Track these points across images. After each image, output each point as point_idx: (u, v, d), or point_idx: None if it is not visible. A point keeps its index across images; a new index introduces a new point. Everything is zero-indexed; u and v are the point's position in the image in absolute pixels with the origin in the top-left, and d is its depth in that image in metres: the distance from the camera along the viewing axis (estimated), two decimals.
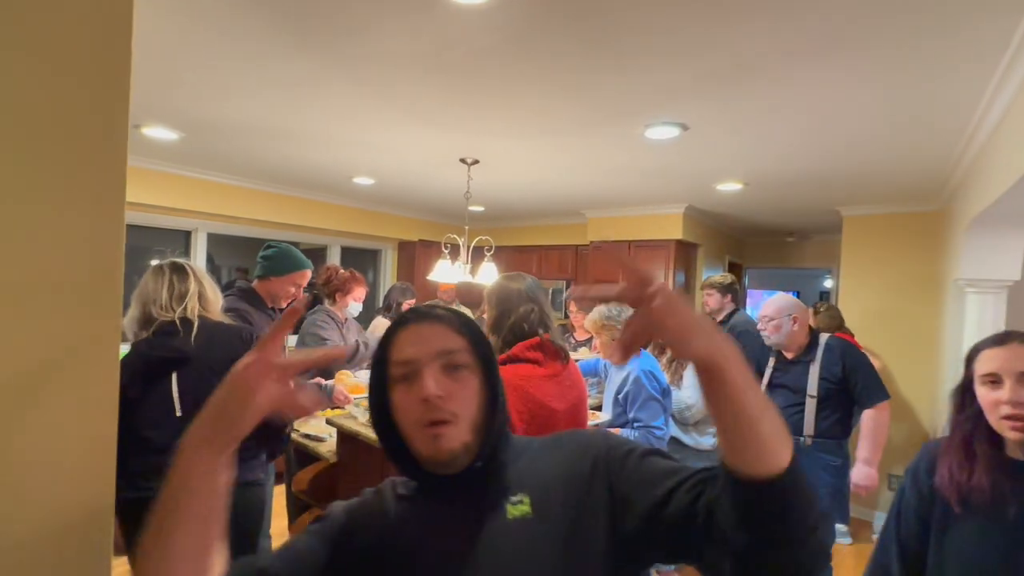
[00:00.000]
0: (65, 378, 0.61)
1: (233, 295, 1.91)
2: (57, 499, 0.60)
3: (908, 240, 3.55)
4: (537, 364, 1.25)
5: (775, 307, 2.18)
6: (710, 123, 2.16)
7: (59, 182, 0.61)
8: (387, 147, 2.78)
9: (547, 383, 1.24)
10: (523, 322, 1.28)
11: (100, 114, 0.64)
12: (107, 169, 0.65)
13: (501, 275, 1.44)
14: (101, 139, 0.64)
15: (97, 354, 0.64)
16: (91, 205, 0.63)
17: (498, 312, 1.31)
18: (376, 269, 5.52)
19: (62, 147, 0.61)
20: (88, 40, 0.62)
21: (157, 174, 3.40)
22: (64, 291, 0.61)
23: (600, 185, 3.52)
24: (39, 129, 0.59)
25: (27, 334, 0.58)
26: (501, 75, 1.78)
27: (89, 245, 0.63)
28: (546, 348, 1.27)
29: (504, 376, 1.18)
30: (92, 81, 0.63)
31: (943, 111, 1.90)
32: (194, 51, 1.71)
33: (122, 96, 0.66)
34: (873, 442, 2.00)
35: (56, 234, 0.60)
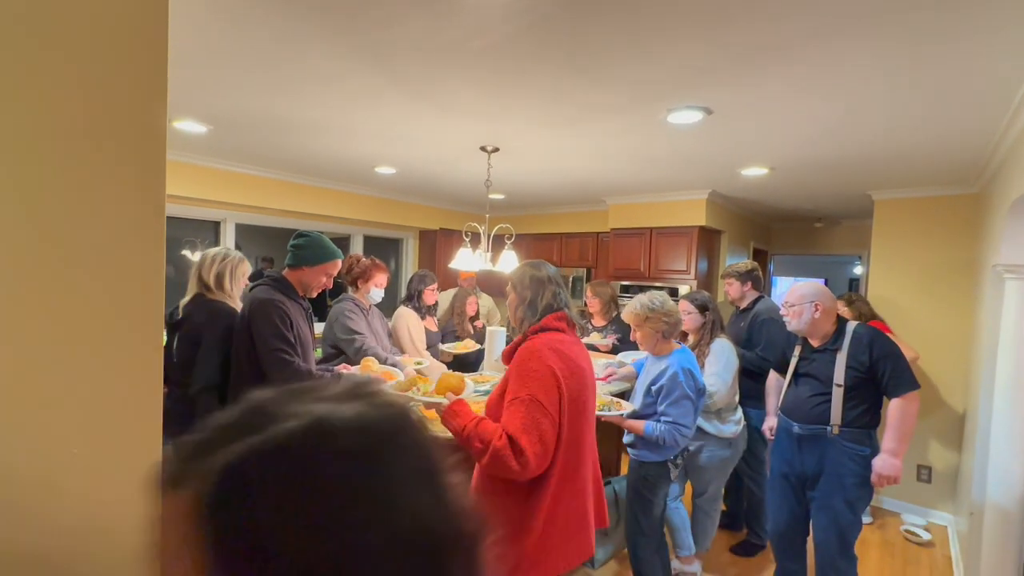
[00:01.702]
0: (110, 365, 0.65)
1: (266, 284, 1.94)
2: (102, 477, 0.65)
3: (943, 225, 3.42)
4: (564, 332, 1.44)
5: (797, 294, 2.15)
6: (735, 107, 2.11)
7: (103, 178, 0.64)
8: (409, 137, 2.80)
9: (574, 347, 1.44)
10: (554, 301, 1.48)
11: (140, 111, 0.67)
12: (147, 163, 0.68)
13: (526, 263, 1.60)
14: (141, 135, 0.67)
15: (141, 341, 0.67)
16: (134, 198, 0.67)
17: (532, 293, 1.50)
18: (398, 258, 5.59)
19: (106, 144, 0.64)
20: (126, 40, 0.65)
21: (187, 166, 3.50)
22: (108, 283, 0.64)
23: (621, 171, 3.48)
24: (87, 126, 0.62)
25: (74, 328, 0.62)
26: (523, 62, 1.77)
27: (132, 236, 0.66)
28: (568, 320, 1.48)
29: (541, 342, 1.33)
30: (131, 79, 0.66)
31: (983, 85, 1.81)
32: (221, 46, 1.75)
33: (160, 94, 0.68)
34: (899, 432, 1.96)
35: (101, 227, 0.64)
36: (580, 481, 1.40)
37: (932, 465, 3.44)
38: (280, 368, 1.78)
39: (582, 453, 1.41)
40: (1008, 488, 2.25)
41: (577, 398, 1.36)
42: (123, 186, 0.65)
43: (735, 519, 3.11)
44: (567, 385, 1.32)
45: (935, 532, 3.24)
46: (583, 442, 1.41)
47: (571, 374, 1.35)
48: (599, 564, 2.68)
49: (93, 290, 0.63)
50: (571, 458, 1.36)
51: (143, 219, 0.67)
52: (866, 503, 2.09)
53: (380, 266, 2.80)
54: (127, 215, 0.65)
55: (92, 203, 0.62)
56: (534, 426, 1.24)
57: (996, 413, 2.31)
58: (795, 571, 2.29)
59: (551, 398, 1.28)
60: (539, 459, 1.24)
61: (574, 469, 1.37)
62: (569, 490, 1.35)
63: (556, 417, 1.28)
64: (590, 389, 1.45)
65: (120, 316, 0.65)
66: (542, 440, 1.24)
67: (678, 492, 2.62)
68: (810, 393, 2.12)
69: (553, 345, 1.36)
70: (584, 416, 1.42)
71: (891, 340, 2.06)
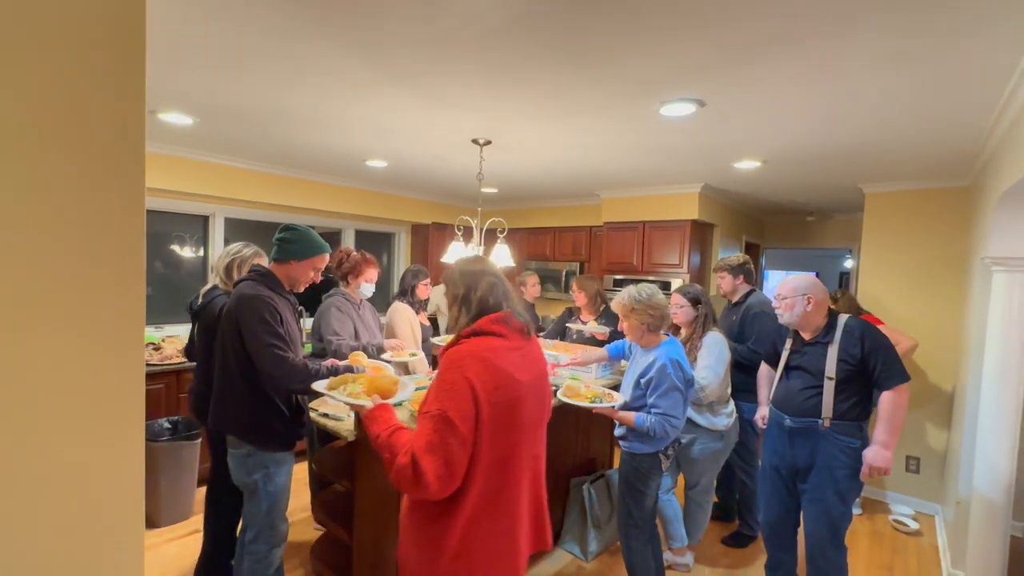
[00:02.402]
0: (89, 364, 0.63)
1: (251, 280, 1.91)
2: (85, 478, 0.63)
3: (933, 217, 3.44)
4: (501, 337, 1.27)
5: (790, 287, 2.15)
6: (728, 99, 2.10)
7: (79, 171, 0.62)
8: (400, 129, 2.77)
9: (511, 354, 1.26)
10: (488, 296, 1.32)
11: (117, 101, 0.65)
12: (126, 156, 0.66)
13: (459, 260, 1.44)
14: (119, 126, 0.65)
15: (122, 336, 0.66)
16: (112, 193, 0.64)
17: (464, 289, 1.34)
18: (390, 252, 5.55)
19: (81, 136, 0.62)
20: (102, 27, 0.63)
21: (174, 159, 3.45)
22: (86, 280, 0.62)
23: (614, 165, 3.47)
24: (58, 119, 0.60)
25: (51, 324, 0.60)
26: (514, 54, 1.75)
27: (112, 231, 0.64)
28: (509, 322, 1.30)
29: (467, 350, 1.20)
30: (108, 68, 0.63)
31: (974, 79, 1.82)
32: (207, 35, 1.71)
33: (138, 82, 0.66)
34: (890, 425, 1.97)
35: (78, 222, 0.62)
36: (508, 502, 1.25)
37: (920, 456, 3.49)
38: (276, 364, 1.76)
39: (512, 472, 1.25)
40: (994, 477, 2.28)
41: (505, 413, 1.20)
42: (100, 180, 0.63)
43: (727, 510, 3.13)
44: (490, 400, 1.17)
45: (923, 522, 3.28)
46: (514, 461, 1.25)
47: (497, 387, 1.19)
48: (592, 556, 2.70)
49: (71, 286, 0.61)
50: (495, 478, 1.22)
51: (122, 212, 0.65)
52: (856, 494, 2.11)
53: (371, 261, 2.78)
54: (105, 209, 0.63)
55: (67, 199, 0.60)
56: (440, 446, 1.12)
57: (983, 404, 2.33)
58: (786, 562, 2.31)
59: (464, 415, 1.14)
60: (442, 482, 1.13)
61: (499, 490, 1.22)
62: (492, 512, 1.22)
63: (468, 436, 1.15)
64: (528, 402, 1.26)
65: (99, 310, 0.63)
66: (448, 463, 1.12)
67: (671, 484, 2.63)
68: (802, 386, 2.13)
69: (481, 353, 1.21)
70: (517, 432, 1.24)
71: (882, 333, 2.07)
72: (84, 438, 0.63)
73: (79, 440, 0.62)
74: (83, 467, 0.63)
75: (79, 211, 0.61)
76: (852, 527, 3.15)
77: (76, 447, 0.62)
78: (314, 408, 2.17)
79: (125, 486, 0.66)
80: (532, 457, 1.33)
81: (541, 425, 1.36)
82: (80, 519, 0.63)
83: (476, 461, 1.18)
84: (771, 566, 2.36)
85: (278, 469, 1.88)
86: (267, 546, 1.89)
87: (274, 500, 1.87)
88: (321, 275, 2.05)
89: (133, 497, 0.67)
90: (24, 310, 0.58)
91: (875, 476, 2.01)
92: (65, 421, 0.61)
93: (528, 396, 1.27)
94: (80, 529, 0.63)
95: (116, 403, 0.65)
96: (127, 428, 0.66)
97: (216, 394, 1.91)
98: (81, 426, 0.62)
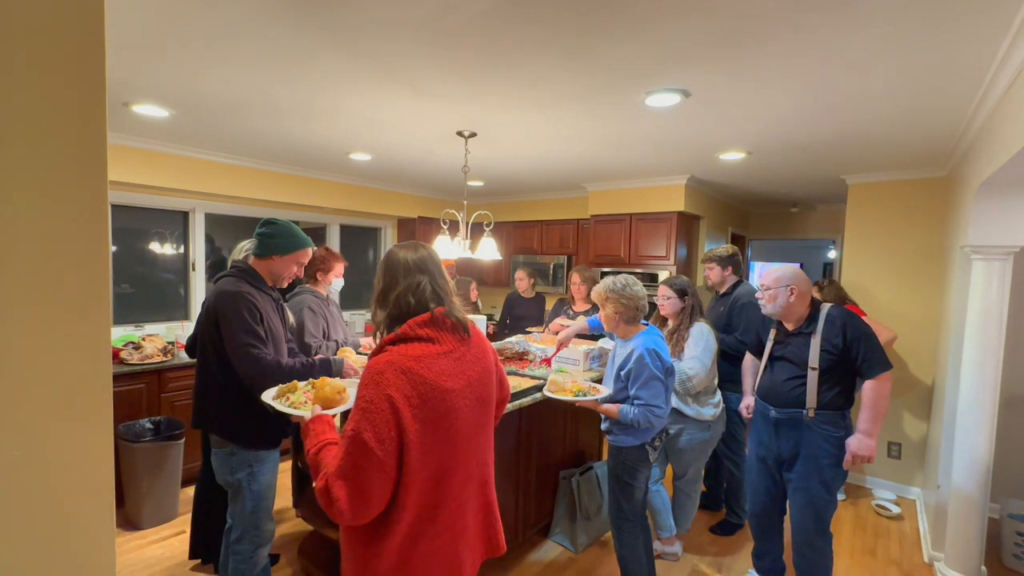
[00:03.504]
0: (55, 363, 0.60)
1: (232, 276, 1.86)
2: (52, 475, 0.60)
3: (914, 207, 3.49)
4: (431, 342, 1.14)
5: (773, 277, 2.16)
6: (712, 89, 2.10)
7: (35, 167, 0.58)
8: (383, 121, 2.73)
9: (441, 361, 1.13)
10: (409, 294, 1.18)
11: (73, 89, 0.61)
12: (86, 149, 0.62)
13: (395, 244, 1.29)
14: (76, 117, 0.61)
15: (86, 334, 0.63)
16: (72, 188, 0.61)
17: (384, 284, 1.21)
18: (376, 247, 5.50)
19: (35, 129, 0.58)
20: (55, 14, 0.59)
21: (151, 153, 3.35)
22: (48, 280, 0.60)
23: (601, 157, 3.46)
24: (7, 112, 0.56)
25: (13, 323, 0.57)
26: (498, 42, 1.73)
27: (73, 228, 0.61)
28: (439, 323, 1.16)
29: (387, 360, 1.08)
30: (62, 56, 0.60)
31: (953, 72, 1.83)
32: (181, 23, 1.66)
33: (96, 69, 0.63)
34: (873, 413, 2.00)
35: (37, 220, 0.59)
36: (447, 517, 1.15)
37: (902, 442, 3.56)
38: (249, 363, 1.72)
39: (451, 486, 1.15)
40: (972, 462, 2.33)
41: (437, 428, 1.09)
42: (59, 174, 0.60)
43: (715, 499, 3.17)
44: (416, 417, 1.06)
45: (904, 506, 3.36)
46: (452, 473, 1.14)
47: (424, 401, 1.07)
48: (582, 548, 2.71)
49: (32, 277, 0.58)
50: (431, 494, 1.11)
51: (83, 207, 0.62)
52: (841, 483, 2.14)
53: (337, 255, 2.75)
54: (65, 197, 0.60)
55: (22, 196, 0.57)
56: (352, 472, 1.02)
57: (963, 390, 2.38)
58: (773, 549, 2.35)
59: (382, 438, 1.02)
60: (355, 509, 1.03)
61: (436, 506, 1.12)
62: (431, 529, 1.12)
63: (387, 460, 1.03)
64: (463, 410, 1.15)
65: (63, 302, 0.60)
66: (361, 490, 1.02)
67: (659, 475, 2.65)
68: (786, 377, 2.15)
69: (403, 364, 1.07)
70: (452, 444, 1.13)
71: (864, 322, 2.09)
72: (50, 433, 0.60)
73: (45, 436, 0.60)
74: (49, 463, 0.60)
75: (38, 201, 0.58)
76: (836, 513, 3.21)
77: (42, 443, 0.59)
78: None
79: (94, 483, 0.63)
80: (478, 464, 1.23)
81: (483, 431, 1.24)
82: (48, 517, 0.60)
83: (406, 483, 1.07)
84: (758, 554, 2.39)
85: (261, 467, 1.85)
86: (252, 546, 1.86)
87: (258, 499, 1.84)
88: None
89: (102, 495, 0.64)
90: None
91: (859, 464, 2.04)
92: (30, 416, 0.58)
93: (462, 404, 1.15)
94: (48, 528, 0.60)
95: (83, 397, 0.63)
96: (95, 424, 0.63)
97: (198, 392, 1.88)
98: (47, 422, 0.60)
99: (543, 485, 2.75)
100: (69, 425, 0.62)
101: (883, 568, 2.65)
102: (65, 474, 0.62)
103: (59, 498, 0.61)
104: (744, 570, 2.55)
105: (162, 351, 3.25)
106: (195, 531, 2.47)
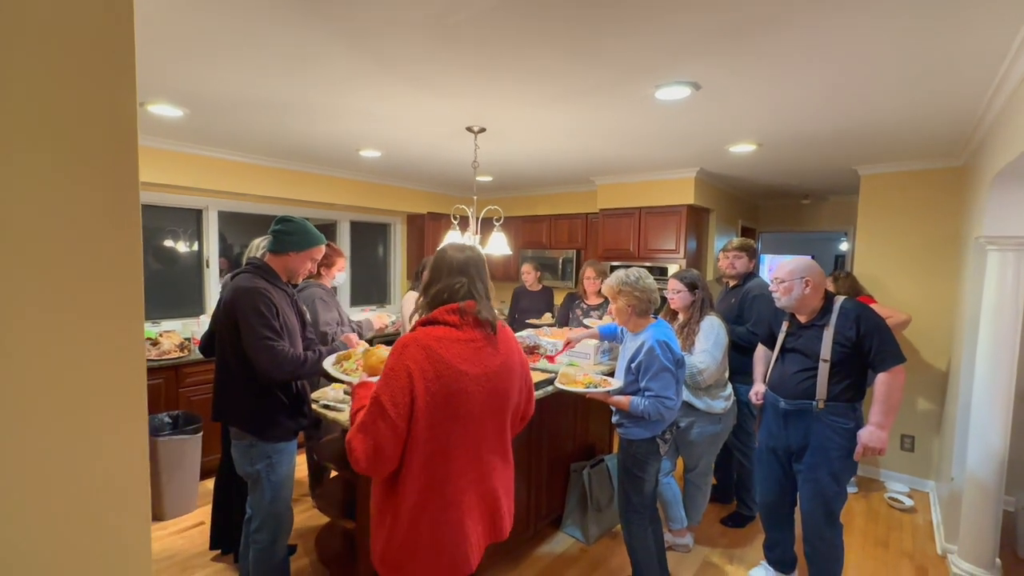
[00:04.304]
0: (90, 361, 0.63)
1: (248, 272, 1.91)
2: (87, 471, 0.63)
3: (928, 198, 3.45)
4: (454, 327, 1.29)
5: (787, 269, 2.15)
6: (723, 81, 2.09)
7: (69, 167, 0.61)
8: (392, 117, 2.75)
9: (459, 345, 1.27)
10: (446, 291, 1.34)
11: (106, 92, 0.64)
12: (117, 149, 0.65)
13: (447, 244, 1.46)
14: (108, 119, 0.64)
15: (121, 332, 0.65)
16: (104, 189, 0.64)
17: (430, 277, 1.39)
18: (386, 243, 5.53)
19: (70, 130, 0.61)
20: (89, 17, 0.62)
21: (165, 153, 3.41)
22: (82, 277, 0.62)
23: (610, 151, 3.45)
24: (44, 114, 0.59)
25: (49, 322, 0.60)
26: (507, 38, 1.73)
27: (106, 226, 0.64)
28: (465, 314, 1.31)
29: (414, 336, 1.23)
30: (95, 59, 0.62)
31: (969, 60, 1.81)
32: (195, 24, 1.68)
33: (128, 71, 0.65)
34: (885, 406, 1.99)
35: (72, 215, 0.61)
36: (456, 492, 1.26)
37: (915, 434, 3.54)
38: (267, 356, 1.76)
39: (459, 462, 1.26)
40: (987, 454, 2.32)
41: (445, 403, 1.22)
42: (92, 174, 0.62)
43: (725, 492, 3.18)
44: (429, 388, 1.20)
45: (917, 499, 3.34)
46: (459, 452, 1.26)
47: (438, 376, 1.21)
48: (593, 539, 2.73)
49: (69, 278, 0.61)
50: (440, 467, 1.24)
51: (116, 207, 0.64)
52: (851, 474, 2.14)
53: (339, 250, 2.80)
54: (99, 203, 0.63)
55: (58, 197, 0.60)
56: (371, 427, 1.18)
57: (977, 382, 2.36)
58: (783, 541, 2.36)
59: (396, 401, 1.18)
60: (371, 461, 1.19)
61: (444, 479, 1.25)
62: (439, 500, 1.24)
63: (399, 423, 1.18)
64: (475, 395, 1.26)
65: (97, 311, 0.63)
66: (376, 445, 1.18)
67: (670, 467, 2.67)
68: (796, 368, 2.15)
69: (427, 342, 1.23)
70: (459, 423, 1.25)
71: (877, 315, 2.07)
72: (88, 431, 0.63)
73: (84, 434, 0.62)
74: (87, 459, 0.63)
75: (73, 204, 0.61)
76: (848, 505, 3.20)
77: (82, 441, 0.62)
78: (315, 399, 2.18)
79: (130, 477, 0.66)
80: (488, 451, 1.33)
81: (495, 420, 1.34)
82: (86, 511, 0.63)
83: (412, 447, 1.21)
84: (769, 545, 2.40)
85: (279, 459, 1.89)
86: (271, 535, 1.90)
87: (277, 489, 1.89)
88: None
89: (138, 488, 0.67)
90: (22, 307, 0.57)
91: (869, 456, 2.04)
92: (68, 415, 0.61)
93: (474, 389, 1.26)
94: (87, 521, 0.63)
95: (119, 395, 0.65)
96: (131, 421, 0.66)
97: (217, 387, 1.92)
98: (85, 419, 0.62)
99: (554, 477, 2.78)
100: (110, 413, 0.65)
101: (895, 560, 2.65)
102: (109, 464, 0.65)
103: (101, 486, 0.64)
104: (755, 561, 2.57)
105: (179, 347, 3.32)
106: (215, 522, 2.53)
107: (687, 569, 2.54)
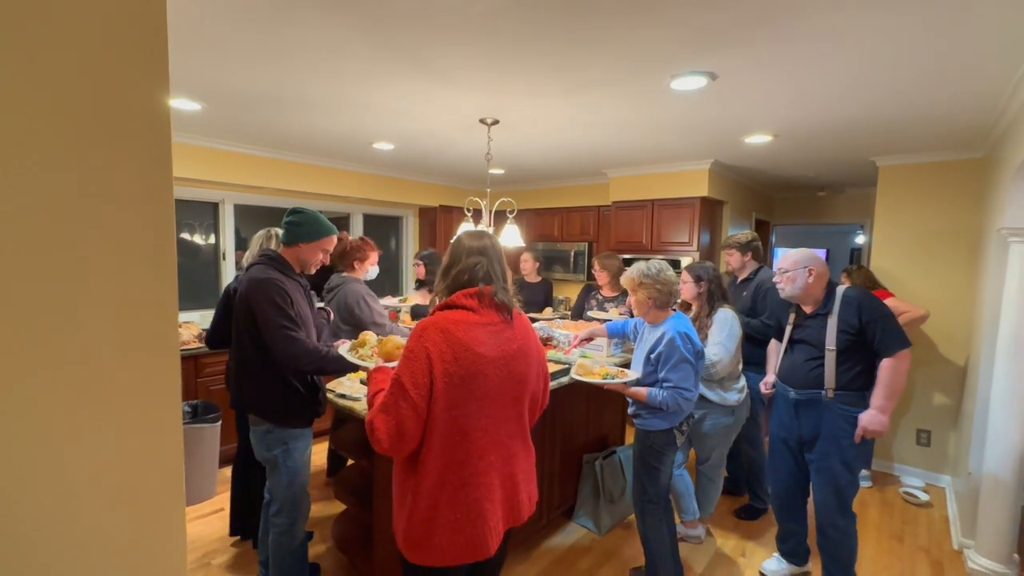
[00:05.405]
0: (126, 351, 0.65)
1: (262, 263, 1.94)
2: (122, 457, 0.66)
3: (948, 190, 3.39)
4: (471, 311, 1.31)
5: (791, 260, 2.16)
6: (740, 71, 2.07)
7: (105, 163, 0.62)
8: (407, 110, 2.76)
9: (477, 329, 1.30)
10: (466, 273, 1.36)
11: (141, 90, 0.65)
12: (152, 145, 0.66)
13: (464, 231, 1.48)
14: (142, 114, 0.65)
15: (157, 325, 0.67)
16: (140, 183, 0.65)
17: (448, 261, 1.41)
18: (398, 236, 5.56)
19: (107, 127, 0.62)
20: (124, 15, 0.63)
21: (183, 146, 3.46)
22: (118, 270, 0.64)
23: (623, 142, 3.44)
24: (83, 111, 0.60)
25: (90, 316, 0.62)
26: (521, 30, 1.73)
27: (141, 220, 0.65)
28: (483, 297, 1.33)
29: (433, 320, 1.30)
30: (130, 57, 0.64)
31: (991, 48, 1.77)
32: (212, 21, 1.70)
33: (161, 70, 0.66)
34: (888, 390, 1.98)
35: (108, 211, 0.63)
36: (474, 474, 1.28)
37: (931, 429, 3.50)
38: (287, 344, 1.80)
39: (478, 444, 1.29)
40: (1005, 449, 2.29)
41: (463, 385, 1.25)
42: (130, 172, 0.64)
43: (737, 484, 3.18)
44: (447, 369, 1.23)
45: (933, 493, 3.31)
46: (477, 434, 1.28)
47: (456, 358, 1.24)
48: (605, 530, 2.76)
49: (106, 273, 0.63)
50: (459, 449, 1.27)
51: (153, 204, 0.66)
52: (862, 463, 2.14)
53: (372, 244, 2.82)
54: (136, 201, 0.64)
55: (98, 193, 0.61)
56: (393, 408, 1.21)
57: (996, 376, 2.33)
58: (796, 531, 2.36)
59: (416, 382, 1.21)
60: (393, 441, 1.21)
61: (463, 460, 1.27)
62: (458, 480, 1.27)
63: (419, 403, 1.21)
64: (492, 377, 1.29)
65: (133, 305, 0.65)
66: (398, 424, 1.21)
67: (682, 459, 2.67)
68: (805, 358, 2.15)
69: (446, 325, 1.26)
70: (476, 404, 1.27)
71: (880, 301, 2.07)
72: (126, 422, 0.65)
73: (123, 424, 0.65)
74: (127, 447, 0.65)
75: (112, 200, 0.63)
76: (862, 498, 3.19)
77: (120, 430, 0.65)
78: (331, 389, 2.21)
79: (166, 464, 0.69)
80: (507, 435, 1.35)
81: (513, 405, 1.36)
82: (126, 498, 0.66)
83: (432, 427, 1.25)
84: (782, 537, 2.40)
85: (296, 444, 1.93)
86: (290, 519, 1.95)
87: (294, 474, 1.93)
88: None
89: (174, 475, 0.70)
90: (59, 303, 0.59)
91: (869, 438, 2.04)
92: (109, 406, 0.63)
93: (492, 371, 1.29)
94: (127, 507, 0.66)
95: (155, 386, 0.68)
96: (166, 411, 0.68)
97: (235, 375, 1.97)
98: (124, 410, 0.65)
99: (567, 468, 2.80)
100: (147, 400, 0.67)
101: (911, 554, 2.64)
102: (149, 449, 0.67)
103: (140, 472, 0.67)
104: (768, 554, 2.57)
105: (197, 337, 3.38)
106: (234, 509, 2.59)
107: (700, 561, 2.55)
